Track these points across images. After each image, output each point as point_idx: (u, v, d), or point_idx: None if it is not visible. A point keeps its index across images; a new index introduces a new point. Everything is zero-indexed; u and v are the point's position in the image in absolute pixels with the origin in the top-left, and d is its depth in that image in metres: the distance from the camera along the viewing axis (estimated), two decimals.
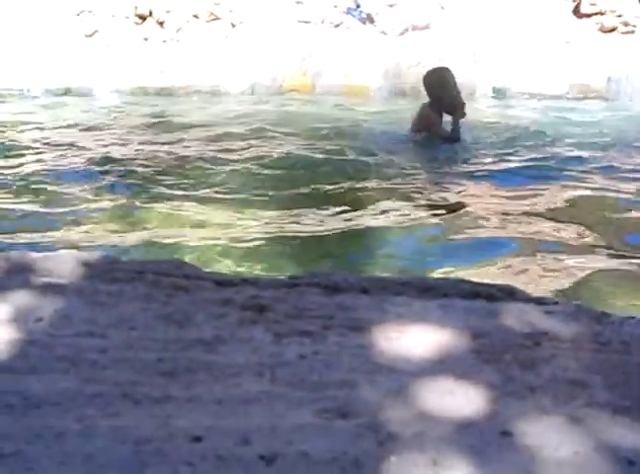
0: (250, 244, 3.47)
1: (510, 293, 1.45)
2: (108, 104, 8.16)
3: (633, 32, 9.49)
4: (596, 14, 9.59)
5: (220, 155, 5.40)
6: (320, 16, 9.61)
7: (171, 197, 4.28)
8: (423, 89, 5.67)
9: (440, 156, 5.26)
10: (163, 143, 5.92)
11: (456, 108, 5.36)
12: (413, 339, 1.26)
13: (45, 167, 5.10)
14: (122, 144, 5.94)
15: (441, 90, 5.31)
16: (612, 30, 9.48)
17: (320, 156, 5.27)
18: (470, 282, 1.59)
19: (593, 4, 9.61)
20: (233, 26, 9.50)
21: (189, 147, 5.76)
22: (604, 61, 8.69)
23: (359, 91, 8.70)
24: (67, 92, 8.55)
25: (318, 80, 8.83)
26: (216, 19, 9.53)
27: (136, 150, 5.66)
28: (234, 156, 5.37)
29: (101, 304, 1.34)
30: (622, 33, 9.48)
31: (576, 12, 9.74)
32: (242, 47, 9.01)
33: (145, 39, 9.22)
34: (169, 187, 4.53)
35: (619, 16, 9.54)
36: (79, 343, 1.21)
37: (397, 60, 8.86)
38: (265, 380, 1.11)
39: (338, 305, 1.41)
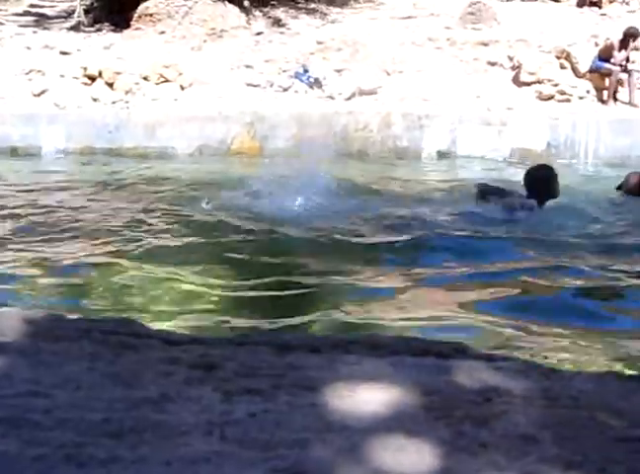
0: (200, 303, 3.44)
1: (460, 350, 1.46)
2: (55, 164, 8.10)
3: (569, 100, 9.87)
4: (534, 83, 9.96)
5: (171, 216, 5.38)
6: (269, 80, 9.76)
7: (120, 256, 4.24)
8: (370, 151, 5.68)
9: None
10: (110, 203, 5.88)
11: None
12: (364, 397, 1.25)
13: None
14: (69, 204, 5.88)
15: (548, 187, 5.31)
16: (550, 98, 9.85)
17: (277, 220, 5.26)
18: (420, 340, 1.60)
19: (531, 73, 9.99)
20: (182, 88, 9.57)
21: (137, 207, 5.72)
22: (544, 127, 8.99)
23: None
24: (14, 151, 8.45)
25: (266, 143, 8.92)
26: (166, 81, 9.60)
27: (83, 210, 5.60)
28: (186, 217, 5.36)
29: (45, 363, 1.30)
30: (559, 101, 9.85)
31: (516, 80, 10.10)
32: (191, 110, 9.07)
33: (94, 100, 9.22)
34: (118, 246, 4.48)
35: (556, 85, 9.93)
36: (21, 403, 1.16)
37: (344, 124, 9.01)
38: (214, 439, 1.08)
39: (288, 364, 1.39)
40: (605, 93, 9.99)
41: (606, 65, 9.93)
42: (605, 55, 10.02)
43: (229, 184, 6.81)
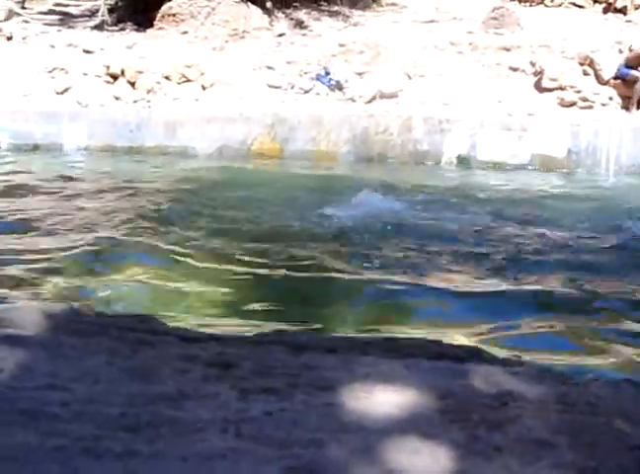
0: (219, 300, 3.46)
1: (475, 354, 1.46)
2: (76, 160, 8.18)
3: (592, 107, 9.80)
4: (556, 89, 9.91)
5: (194, 215, 5.41)
6: (290, 81, 9.78)
7: (139, 254, 4.27)
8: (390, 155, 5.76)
9: None
10: (128, 201, 5.92)
11: None
12: (379, 398, 1.26)
13: (15, 218, 5.09)
14: (88, 200, 5.92)
15: None
16: (572, 104, 9.79)
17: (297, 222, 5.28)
18: (436, 343, 1.60)
19: (553, 79, 9.93)
20: (204, 88, 9.62)
21: (158, 206, 5.75)
22: (565, 134, 8.94)
23: (326, 156, 8.81)
24: (36, 148, 8.53)
25: (286, 145, 8.93)
26: (187, 81, 9.65)
27: (103, 207, 5.65)
28: (208, 216, 5.39)
29: (64, 357, 1.31)
30: (581, 107, 9.79)
31: (538, 86, 10.05)
32: (212, 110, 9.11)
33: (116, 99, 9.28)
34: (137, 243, 4.52)
35: (578, 91, 9.87)
36: (41, 396, 1.18)
37: (365, 127, 9.02)
38: (230, 436, 1.09)
39: (304, 364, 1.40)
40: (630, 100, 9.91)
41: (634, 72, 9.84)
42: (634, 63, 9.93)
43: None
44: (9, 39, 10.63)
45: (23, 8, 12.51)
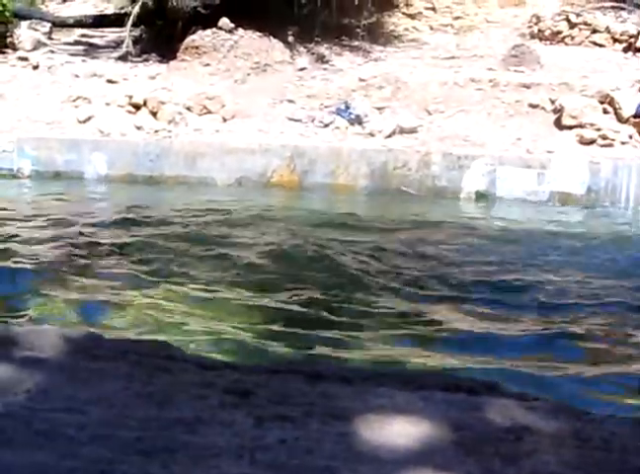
0: (236, 329, 3.47)
1: (491, 388, 1.46)
2: (96, 189, 8.27)
3: (611, 145, 9.79)
4: (576, 126, 9.91)
5: (212, 244, 5.44)
6: (310, 115, 9.87)
7: (158, 282, 4.29)
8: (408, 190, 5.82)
9: None
10: (148, 230, 5.96)
11: None
12: (394, 429, 1.26)
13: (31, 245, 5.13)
14: (110, 228, 5.98)
15: None
16: (592, 142, 9.78)
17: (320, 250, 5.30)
18: (451, 376, 1.60)
19: (573, 117, 9.95)
20: (224, 120, 9.72)
21: (176, 235, 5.79)
22: (585, 171, 8.93)
23: (344, 189, 8.84)
24: (57, 175, 8.63)
25: (305, 177, 8.98)
26: (209, 112, 9.76)
27: (122, 235, 5.69)
28: (228, 245, 5.42)
29: (82, 380, 1.33)
30: (601, 145, 9.77)
31: (557, 124, 10.07)
32: (232, 142, 9.19)
33: (138, 128, 9.39)
34: (156, 272, 4.54)
35: (598, 129, 9.87)
36: (57, 418, 1.19)
37: (383, 161, 9.05)
38: (245, 463, 1.10)
39: (320, 393, 1.40)
40: None
41: None
42: None
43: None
44: (35, 68, 10.82)
45: (50, 39, 12.74)
